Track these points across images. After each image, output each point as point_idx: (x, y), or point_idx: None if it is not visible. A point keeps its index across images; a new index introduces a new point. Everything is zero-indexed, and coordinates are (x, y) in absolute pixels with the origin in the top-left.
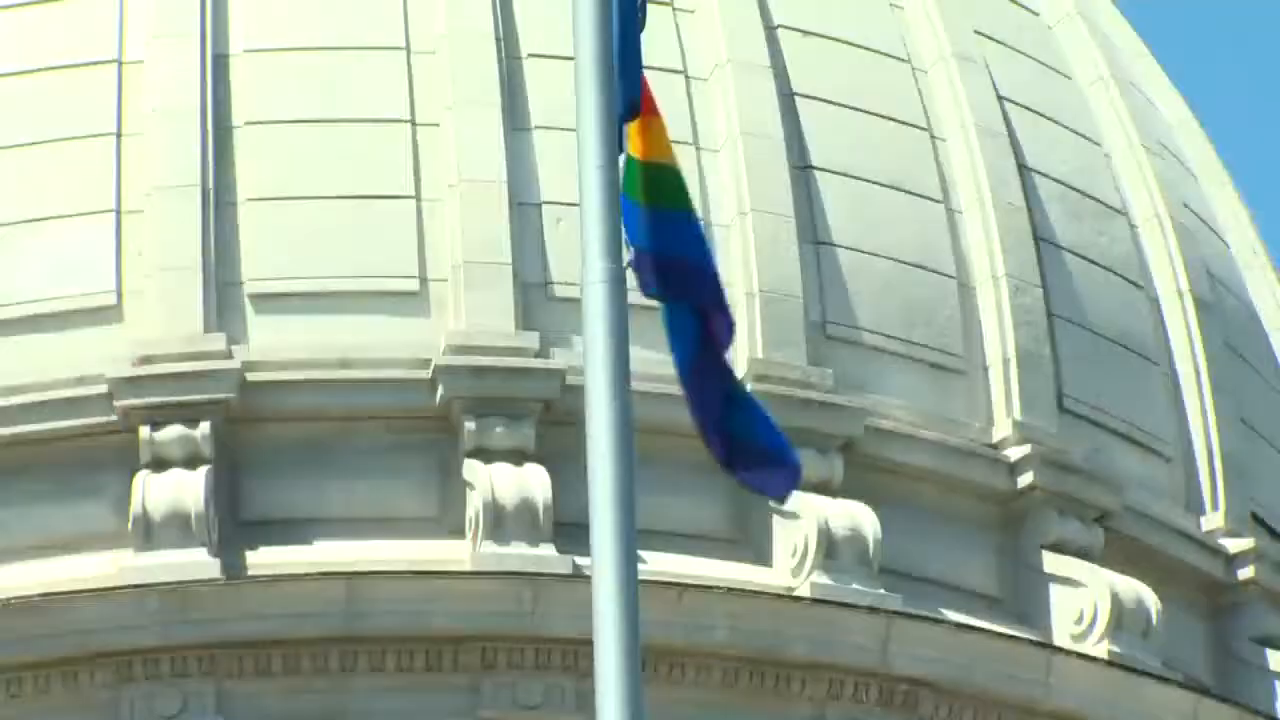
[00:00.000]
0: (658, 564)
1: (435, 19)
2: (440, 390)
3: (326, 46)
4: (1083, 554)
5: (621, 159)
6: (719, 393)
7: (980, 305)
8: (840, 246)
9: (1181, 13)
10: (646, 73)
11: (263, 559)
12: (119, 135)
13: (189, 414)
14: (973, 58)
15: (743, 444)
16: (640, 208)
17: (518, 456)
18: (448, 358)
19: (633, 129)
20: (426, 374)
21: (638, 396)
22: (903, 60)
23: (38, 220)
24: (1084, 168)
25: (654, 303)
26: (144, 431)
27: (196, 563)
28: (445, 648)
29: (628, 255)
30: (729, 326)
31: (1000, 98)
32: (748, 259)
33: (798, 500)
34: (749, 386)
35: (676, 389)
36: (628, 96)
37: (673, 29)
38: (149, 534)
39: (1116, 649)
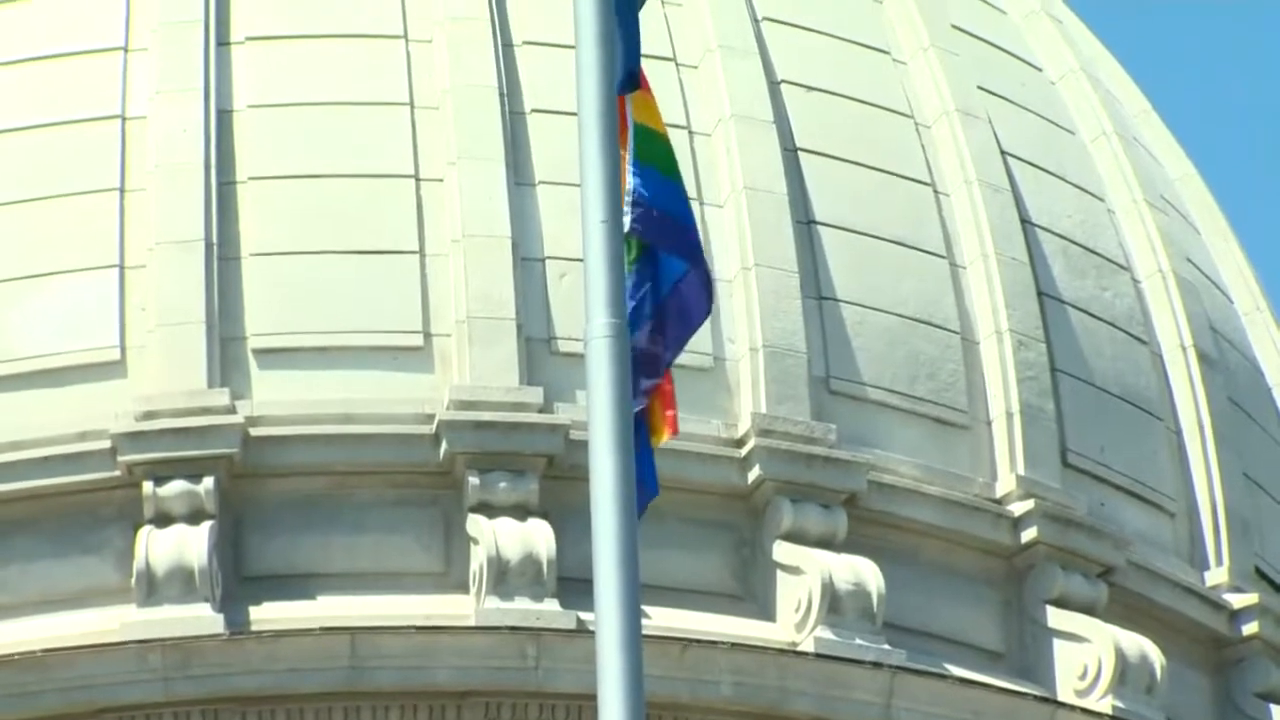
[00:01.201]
0: (661, 619)
1: (439, 74)
2: (444, 445)
3: (330, 102)
4: (1087, 609)
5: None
6: (679, 339)
7: (984, 360)
8: (844, 301)
9: (1184, 68)
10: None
11: (266, 614)
12: (122, 190)
13: (192, 469)
14: (976, 113)
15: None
16: (639, 163)
17: (521, 511)
18: (451, 413)
19: (634, 99)
20: (430, 429)
21: None
22: (906, 116)
23: (41, 275)
24: (1087, 223)
25: None
26: (147, 486)
27: (200, 618)
28: (449, 703)
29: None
30: (710, 290)
31: (1003, 153)
32: (751, 314)
33: (802, 555)
34: (752, 441)
35: (680, 444)
36: (627, 68)
37: (676, 84)
38: (152, 589)
39: (1120, 704)
